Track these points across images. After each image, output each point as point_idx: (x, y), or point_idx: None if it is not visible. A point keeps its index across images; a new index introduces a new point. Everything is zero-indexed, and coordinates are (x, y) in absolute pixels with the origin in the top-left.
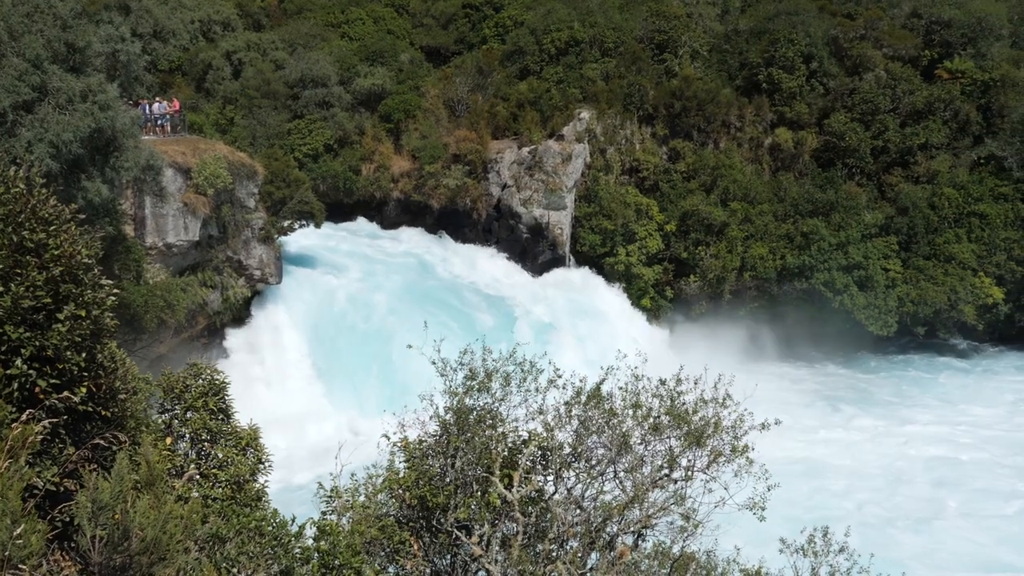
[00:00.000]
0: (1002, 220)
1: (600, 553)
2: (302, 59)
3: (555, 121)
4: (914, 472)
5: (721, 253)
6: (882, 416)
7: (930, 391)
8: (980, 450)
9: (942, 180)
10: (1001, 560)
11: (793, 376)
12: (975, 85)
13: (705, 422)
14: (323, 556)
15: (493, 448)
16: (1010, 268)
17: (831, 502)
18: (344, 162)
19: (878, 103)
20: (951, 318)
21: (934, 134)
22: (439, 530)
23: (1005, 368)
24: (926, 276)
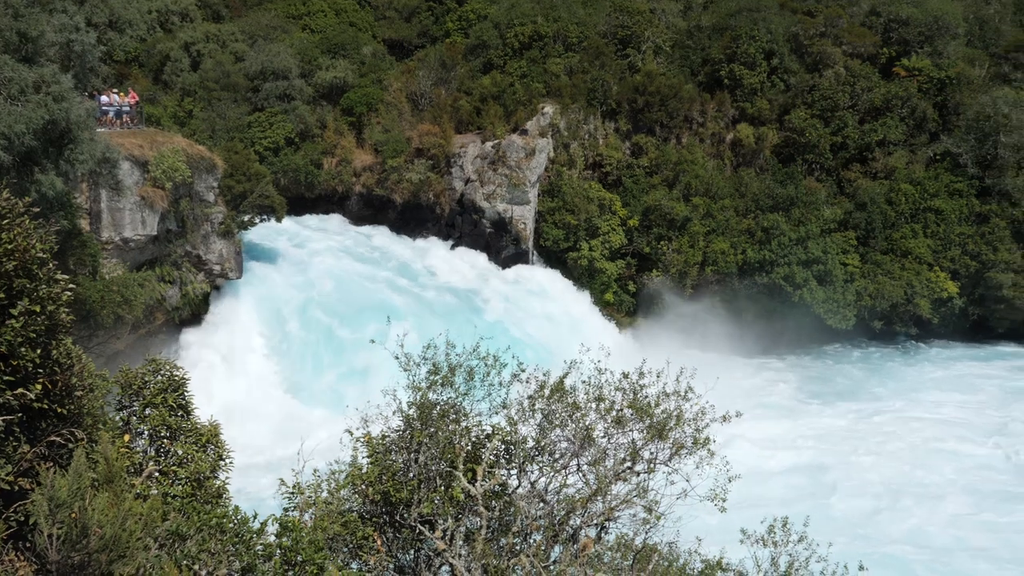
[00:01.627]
0: (957, 216)
1: (563, 546)
2: (262, 51)
3: (519, 115)
4: (876, 462)
5: (683, 248)
6: (842, 407)
7: (888, 383)
8: (939, 439)
9: (899, 176)
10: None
11: (754, 369)
12: (931, 83)
13: (667, 415)
14: (286, 552)
15: (457, 442)
16: (964, 263)
17: (792, 493)
18: (305, 156)
19: (837, 100)
20: (907, 312)
21: (892, 131)
22: (402, 525)
23: (958, 359)
24: (883, 271)
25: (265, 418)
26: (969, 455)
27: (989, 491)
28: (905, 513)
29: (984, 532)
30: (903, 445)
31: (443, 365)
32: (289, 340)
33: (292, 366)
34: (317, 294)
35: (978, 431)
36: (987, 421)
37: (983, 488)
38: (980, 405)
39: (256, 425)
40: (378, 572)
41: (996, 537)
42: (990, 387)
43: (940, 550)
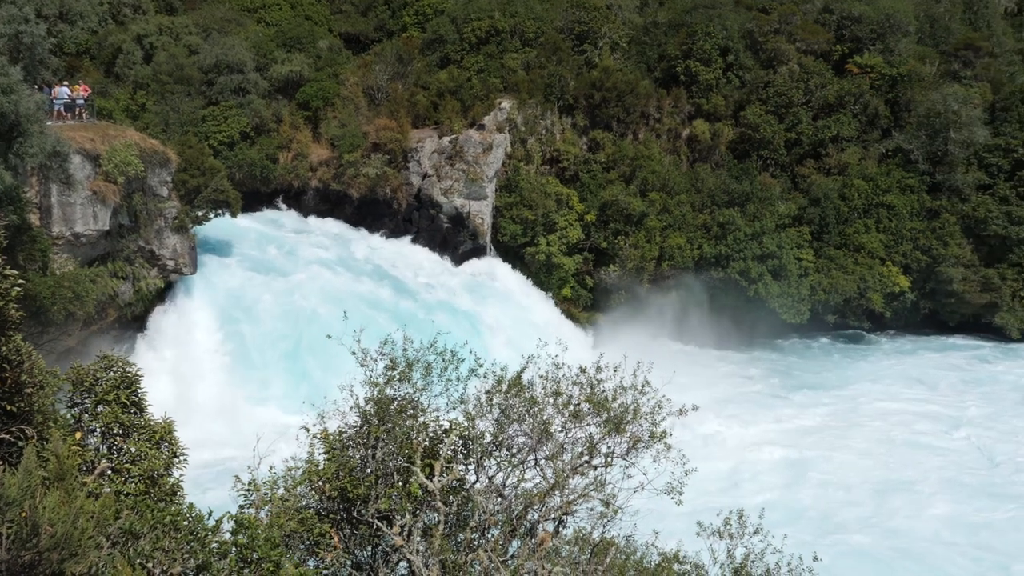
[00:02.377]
0: (908, 211)
1: (521, 540)
2: (217, 44)
3: (476, 111)
4: (839, 454)
5: (640, 243)
6: (803, 400)
7: (847, 375)
8: (902, 430)
9: (852, 172)
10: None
11: (711, 362)
12: (883, 80)
13: (624, 409)
14: (241, 550)
15: (414, 438)
16: (916, 257)
17: (748, 485)
18: (261, 150)
19: (791, 96)
20: (860, 306)
21: (845, 127)
22: (360, 521)
23: (913, 352)
24: (837, 265)
25: (220, 415)
26: (934, 446)
27: (956, 480)
28: (870, 504)
29: (952, 522)
30: (867, 437)
31: (400, 360)
32: (244, 335)
33: (247, 362)
34: (273, 289)
35: (942, 422)
36: (950, 412)
37: (951, 478)
38: (941, 396)
39: (210, 422)
40: (335, 569)
41: (963, 526)
42: (949, 378)
43: (904, 540)
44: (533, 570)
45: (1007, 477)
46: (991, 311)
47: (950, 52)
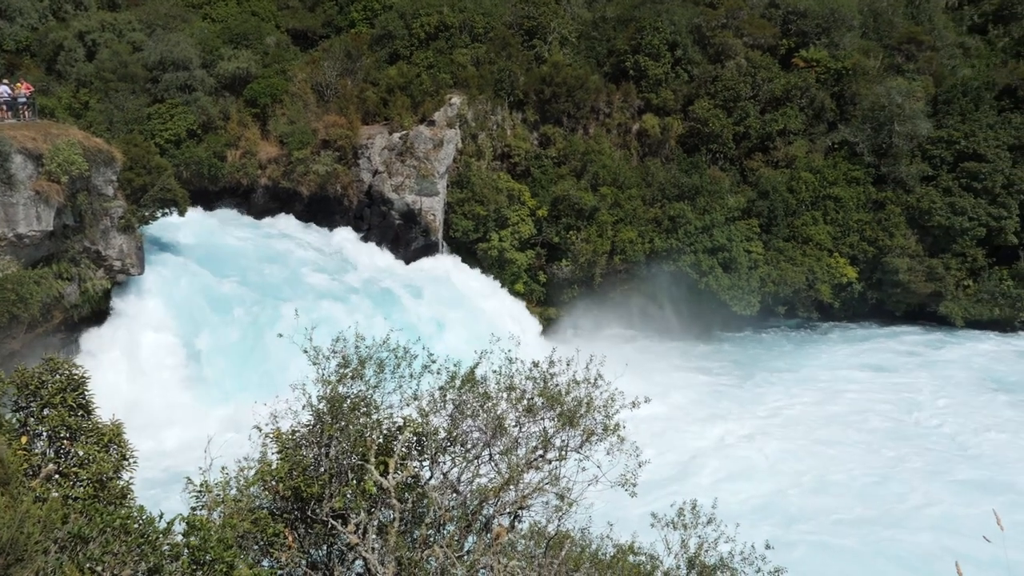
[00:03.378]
0: (855, 203)
1: (477, 535)
2: (161, 41)
3: (426, 106)
4: (786, 442)
5: (592, 237)
6: (751, 389)
7: (797, 364)
8: (844, 417)
9: (799, 165)
10: (866, 520)
11: (664, 355)
12: (829, 73)
13: (578, 402)
14: (193, 552)
15: (368, 435)
16: (863, 248)
17: (700, 475)
18: (208, 148)
19: (739, 90)
20: (809, 297)
21: (791, 120)
22: (314, 520)
23: (863, 341)
24: (786, 257)
25: (169, 416)
26: (894, 431)
27: (921, 468)
28: (832, 493)
29: (915, 511)
30: (825, 424)
31: (353, 358)
32: (193, 335)
33: (197, 362)
34: (222, 288)
35: (902, 407)
36: (905, 398)
37: (916, 466)
38: (899, 382)
39: (160, 423)
40: (290, 569)
41: (927, 514)
42: (907, 364)
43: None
44: (489, 565)
45: (973, 459)
46: (936, 300)
47: (893, 46)
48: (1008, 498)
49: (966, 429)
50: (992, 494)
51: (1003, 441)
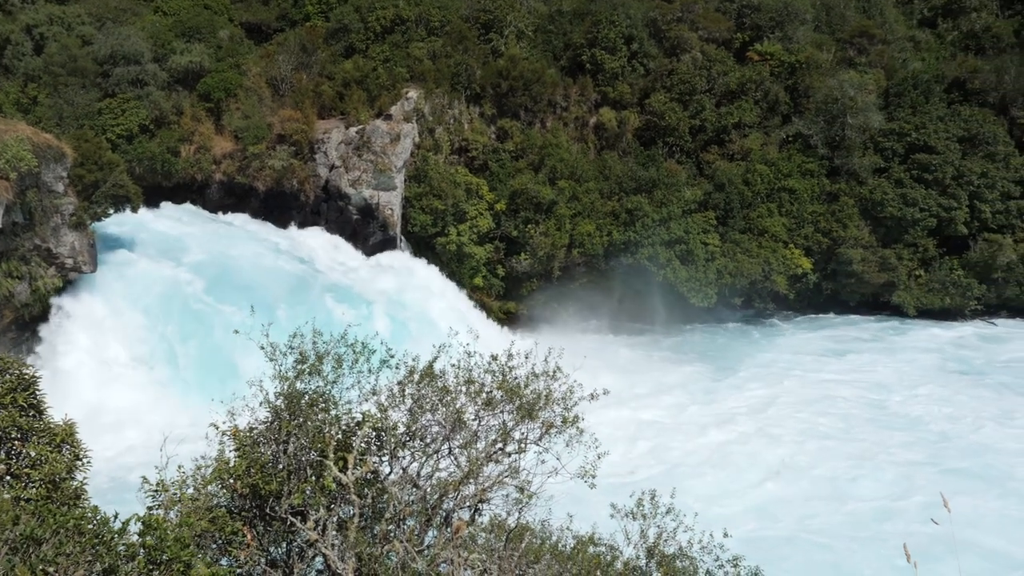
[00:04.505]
0: (809, 195)
1: (437, 529)
2: (112, 34)
3: (382, 100)
4: (741, 432)
5: (550, 231)
6: (708, 380)
7: (755, 354)
8: (800, 407)
9: (755, 157)
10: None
11: (623, 347)
12: (783, 67)
13: (536, 395)
14: (149, 552)
15: (327, 431)
16: (817, 240)
17: (660, 465)
18: (162, 143)
19: (695, 83)
20: (765, 288)
21: (746, 113)
22: (273, 518)
23: (820, 329)
24: (742, 249)
25: (124, 415)
26: (861, 416)
27: (888, 456)
28: (791, 482)
29: (880, 503)
30: (787, 413)
31: (310, 354)
32: (148, 333)
33: (152, 360)
34: (177, 285)
35: (869, 394)
36: (873, 383)
37: (887, 451)
38: (862, 370)
39: (115, 422)
40: (249, 567)
41: (893, 509)
42: (867, 352)
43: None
44: (449, 559)
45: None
46: (889, 290)
47: (845, 40)
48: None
49: (940, 415)
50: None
51: (977, 424)
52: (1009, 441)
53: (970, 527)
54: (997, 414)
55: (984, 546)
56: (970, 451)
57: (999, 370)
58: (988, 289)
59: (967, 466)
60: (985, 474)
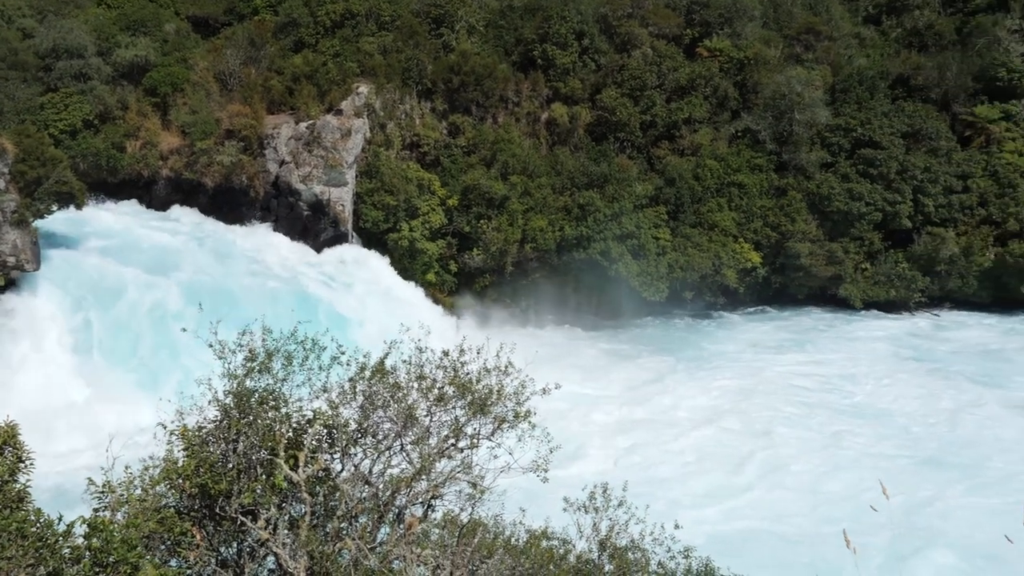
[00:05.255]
0: (758, 189)
1: (390, 526)
2: (54, 27)
3: (333, 95)
4: (712, 426)
5: (503, 226)
6: (676, 374)
7: (711, 348)
8: (767, 399)
9: (704, 153)
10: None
11: (576, 341)
12: (732, 63)
13: (488, 390)
14: (95, 554)
15: (277, 429)
16: (766, 234)
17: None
18: (107, 139)
19: (645, 79)
20: (716, 282)
21: (696, 109)
22: (223, 517)
23: (771, 321)
24: (692, 243)
25: (68, 415)
26: (823, 405)
27: (855, 447)
28: (720, 471)
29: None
30: (744, 403)
31: (260, 351)
32: (94, 333)
33: (98, 360)
34: (123, 283)
35: (828, 383)
36: (829, 372)
37: (852, 438)
38: (820, 361)
39: (59, 423)
40: (199, 567)
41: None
42: (821, 343)
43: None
44: (402, 555)
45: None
46: (836, 283)
47: (793, 36)
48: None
49: (907, 406)
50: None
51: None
52: (983, 429)
53: (941, 518)
54: (965, 404)
55: (955, 535)
56: (940, 440)
57: (955, 359)
58: (932, 281)
59: (936, 456)
60: (956, 463)
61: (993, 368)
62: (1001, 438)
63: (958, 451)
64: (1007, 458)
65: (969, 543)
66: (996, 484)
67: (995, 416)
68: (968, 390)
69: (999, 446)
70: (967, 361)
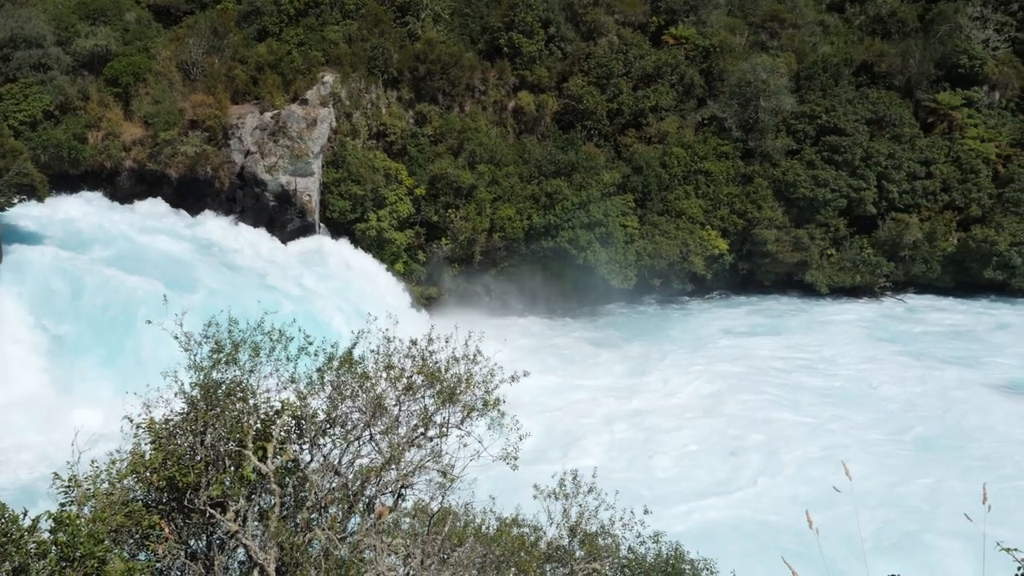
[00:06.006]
0: (724, 176)
1: (360, 516)
2: (11, 17)
3: (298, 85)
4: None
5: (470, 215)
6: (629, 361)
7: (673, 334)
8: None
9: (671, 140)
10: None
11: (545, 329)
12: (697, 50)
13: (457, 379)
14: (62, 549)
15: (245, 421)
16: (733, 221)
17: (581, 445)
18: (68, 130)
19: (612, 67)
20: (684, 269)
21: (663, 97)
22: (192, 510)
23: (740, 307)
24: (660, 231)
25: (34, 412)
26: (800, 387)
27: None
28: (689, 459)
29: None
30: (717, 392)
31: (226, 342)
32: (58, 327)
33: (63, 355)
34: (88, 276)
35: (806, 365)
36: (805, 355)
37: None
38: (795, 343)
39: (25, 420)
40: (168, 560)
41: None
42: (794, 327)
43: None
44: (372, 544)
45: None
46: (802, 269)
47: (757, 24)
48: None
49: (890, 388)
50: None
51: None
52: (969, 411)
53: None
54: (949, 385)
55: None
56: (928, 423)
57: (930, 340)
58: (896, 267)
59: (928, 437)
60: (945, 445)
61: (966, 348)
62: (988, 419)
63: (947, 433)
64: (991, 438)
65: (942, 525)
66: (982, 466)
67: (980, 397)
68: (947, 371)
69: (985, 427)
70: (942, 342)
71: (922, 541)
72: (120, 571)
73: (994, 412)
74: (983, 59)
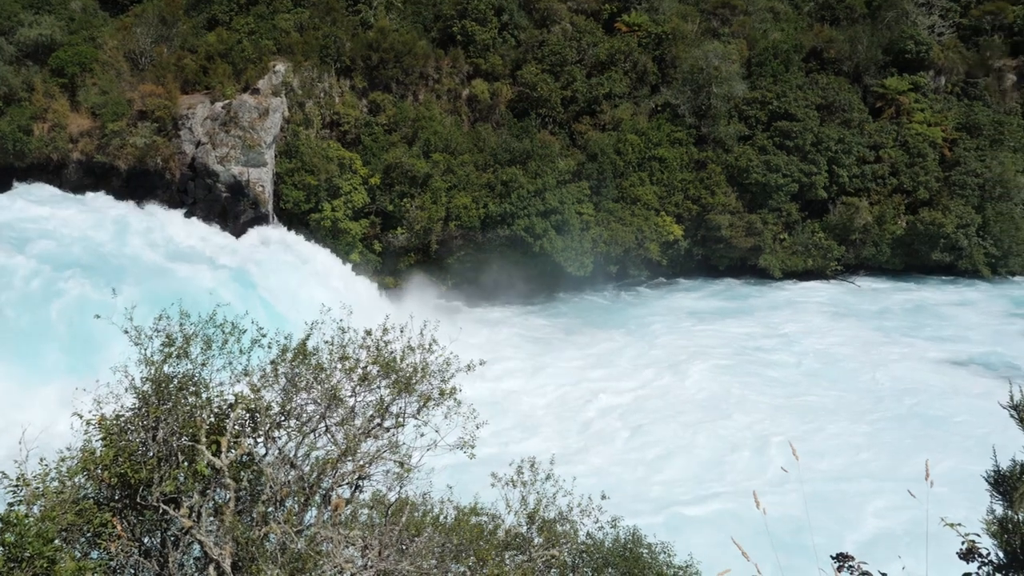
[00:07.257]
0: (678, 163)
1: (317, 509)
2: None
3: (249, 74)
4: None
5: (426, 204)
6: (587, 347)
7: (635, 319)
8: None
9: (625, 127)
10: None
11: (502, 318)
12: (650, 38)
13: (413, 369)
14: (9, 549)
15: (198, 415)
16: (687, 207)
17: (540, 432)
18: (12, 122)
19: (566, 55)
20: (639, 256)
21: (617, 84)
22: (145, 507)
23: (698, 290)
24: (616, 218)
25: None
26: (769, 364)
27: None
28: (653, 448)
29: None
30: (716, 376)
31: (178, 336)
32: (3, 323)
33: (7, 350)
34: (33, 270)
35: (775, 344)
36: (772, 334)
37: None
38: (759, 324)
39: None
40: (122, 558)
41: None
42: (756, 309)
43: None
44: (329, 537)
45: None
46: (755, 254)
47: (709, 11)
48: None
49: (868, 367)
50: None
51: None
52: (945, 389)
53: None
54: (916, 360)
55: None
56: (899, 400)
57: (890, 316)
58: (847, 250)
59: (887, 416)
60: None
61: (924, 322)
62: (970, 401)
63: (908, 411)
64: (948, 413)
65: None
66: (939, 444)
67: (937, 373)
68: (913, 345)
69: (966, 405)
70: (902, 318)
71: (867, 519)
72: (71, 570)
73: (952, 389)
74: (929, 44)
